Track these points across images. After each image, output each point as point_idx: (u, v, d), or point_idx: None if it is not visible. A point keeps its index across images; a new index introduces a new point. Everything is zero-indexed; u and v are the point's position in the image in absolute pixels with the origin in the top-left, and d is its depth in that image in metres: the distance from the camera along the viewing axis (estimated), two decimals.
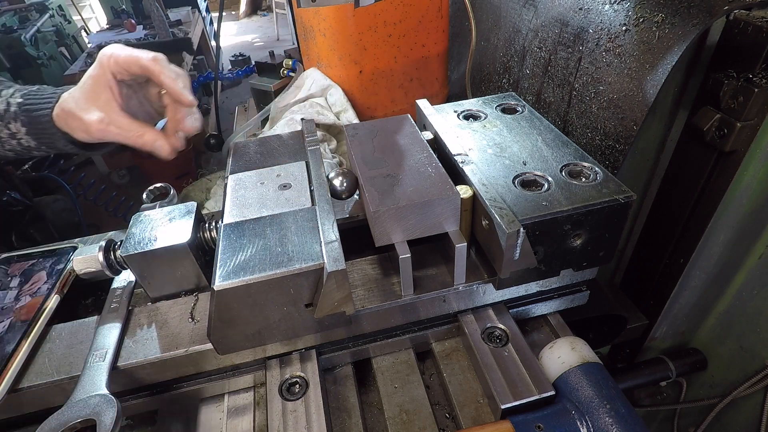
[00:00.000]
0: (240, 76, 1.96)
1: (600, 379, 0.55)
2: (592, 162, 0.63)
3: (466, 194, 0.60)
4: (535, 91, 0.98)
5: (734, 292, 0.90)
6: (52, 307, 0.67)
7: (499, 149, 0.68)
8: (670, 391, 1.10)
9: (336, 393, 0.64)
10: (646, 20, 0.71)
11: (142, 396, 0.65)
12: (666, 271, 0.93)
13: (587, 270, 0.66)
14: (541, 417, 0.53)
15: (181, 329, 0.63)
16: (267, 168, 0.73)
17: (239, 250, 0.56)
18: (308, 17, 1.21)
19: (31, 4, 4.19)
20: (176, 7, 4.79)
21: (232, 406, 0.66)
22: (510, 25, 1.05)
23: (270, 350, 0.63)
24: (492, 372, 0.58)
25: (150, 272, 0.67)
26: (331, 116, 1.20)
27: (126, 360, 0.60)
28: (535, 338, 0.70)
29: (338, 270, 0.52)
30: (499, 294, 0.66)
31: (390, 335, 0.67)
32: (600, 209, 0.56)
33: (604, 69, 0.78)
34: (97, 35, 4.38)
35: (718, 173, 0.77)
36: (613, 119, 0.77)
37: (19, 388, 0.58)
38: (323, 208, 0.61)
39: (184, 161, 3.85)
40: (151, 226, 0.68)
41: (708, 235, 0.83)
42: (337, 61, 1.22)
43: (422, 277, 0.65)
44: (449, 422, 0.62)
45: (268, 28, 7.85)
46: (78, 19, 5.33)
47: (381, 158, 0.67)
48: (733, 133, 0.70)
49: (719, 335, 0.96)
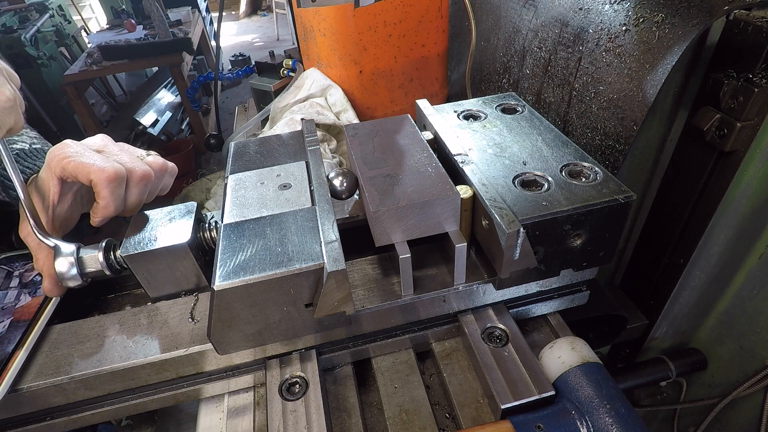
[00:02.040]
0: (240, 76, 1.95)
1: (600, 379, 0.55)
2: (592, 162, 0.63)
3: (466, 194, 0.60)
4: (535, 91, 0.98)
5: (734, 292, 0.90)
6: (52, 307, 0.67)
7: (499, 149, 0.68)
8: (670, 391, 1.10)
9: (336, 393, 0.64)
10: (646, 20, 0.71)
11: (142, 396, 0.65)
12: (666, 271, 0.93)
13: (587, 270, 0.66)
14: (541, 417, 0.53)
15: (181, 329, 0.63)
16: (267, 168, 0.73)
17: (239, 250, 0.56)
18: (308, 17, 1.21)
19: (31, 4, 4.19)
20: (176, 7, 4.79)
21: (232, 406, 0.66)
22: (510, 25, 1.05)
23: (270, 350, 0.63)
24: (492, 372, 0.58)
25: (150, 272, 0.67)
26: (331, 116, 1.20)
27: (126, 360, 0.60)
28: (535, 338, 0.70)
29: (338, 270, 0.52)
30: (499, 294, 0.66)
31: (390, 335, 0.67)
32: (600, 209, 0.56)
33: (604, 69, 0.78)
34: (97, 35, 4.37)
35: (718, 173, 0.77)
36: (613, 119, 0.77)
37: (19, 388, 0.58)
38: (323, 208, 0.61)
39: (184, 161, 3.85)
40: (150, 226, 0.68)
41: (708, 235, 0.83)
42: (337, 61, 1.22)
43: (422, 277, 0.65)
44: (449, 422, 0.62)
45: (268, 28, 7.86)
46: (78, 19, 5.33)
47: (381, 158, 0.67)
48: (733, 133, 0.70)
49: (719, 335, 0.96)
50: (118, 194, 0.66)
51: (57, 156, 0.65)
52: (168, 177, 0.77)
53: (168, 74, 4.61)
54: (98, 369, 0.59)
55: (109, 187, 0.64)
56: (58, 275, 0.63)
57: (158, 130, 4.23)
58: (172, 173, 0.78)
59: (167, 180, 0.77)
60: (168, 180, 0.77)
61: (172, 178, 0.78)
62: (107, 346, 0.62)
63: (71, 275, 0.64)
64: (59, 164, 0.64)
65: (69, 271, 0.63)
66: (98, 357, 0.61)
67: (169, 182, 0.77)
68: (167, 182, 0.77)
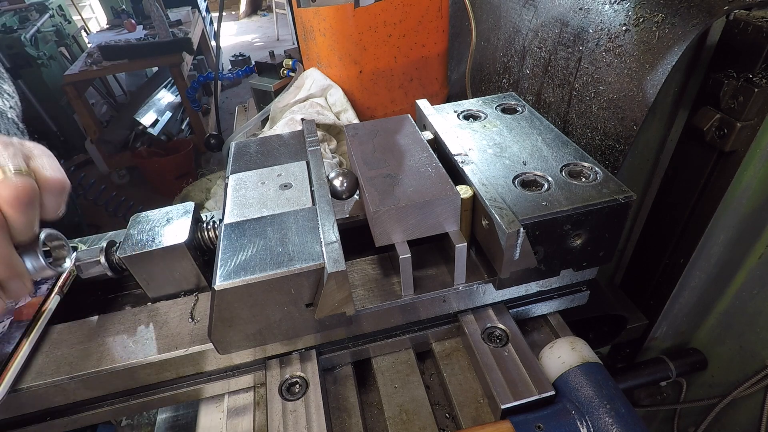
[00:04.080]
0: (240, 76, 1.95)
1: (600, 379, 0.55)
2: (592, 162, 0.63)
3: (466, 194, 0.60)
4: (535, 91, 0.98)
5: (734, 292, 0.90)
6: (52, 307, 0.67)
7: (499, 149, 0.68)
8: (670, 391, 1.10)
9: (336, 393, 0.64)
10: (646, 20, 0.71)
11: (142, 396, 0.65)
12: (666, 271, 0.93)
13: (587, 270, 0.66)
14: (541, 417, 0.53)
15: (181, 329, 0.63)
16: (268, 168, 0.73)
17: (240, 250, 0.56)
18: (308, 17, 1.21)
19: (31, 4, 4.19)
20: (176, 7, 4.80)
21: (232, 406, 0.66)
22: (510, 25, 1.05)
23: (270, 350, 0.63)
24: (492, 372, 0.58)
25: (149, 273, 0.67)
26: (331, 116, 1.20)
27: (126, 360, 0.60)
28: (535, 338, 0.70)
29: (338, 271, 0.52)
30: (499, 294, 0.66)
31: (390, 335, 0.67)
32: (600, 209, 0.56)
33: (604, 69, 0.78)
34: (97, 35, 4.38)
35: (718, 173, 0.77)
36: (613, 119, 0.77)
37: (19, 388, 0.58)
38: (323, 208, 0.61)
39: (184, 161, 3.85)
40: (149, 227, 0.69)
41: (708, 235, 0.83)
42: (337, 61, 1.22)
43: (422, 277, 0.65)
44: (449, 422, 0.62)
45: (268, 28, 7.86)
46: (78, 19, 5.34)
47: (381, 158, 0.67)
48: (733, 133, 0.70)
49: (719, 335, 0.96)
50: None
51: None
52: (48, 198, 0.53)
53: (168, 74, 4.61)
54: (98, 369, 0.59)
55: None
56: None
57: (158, 130, 4.23)
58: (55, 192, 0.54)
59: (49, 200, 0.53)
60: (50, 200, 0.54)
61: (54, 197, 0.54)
62: (107, 346, 0.62)
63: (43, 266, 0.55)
64: None
65: (43, 267, 0.55)
66: (98, 357, 0.61)
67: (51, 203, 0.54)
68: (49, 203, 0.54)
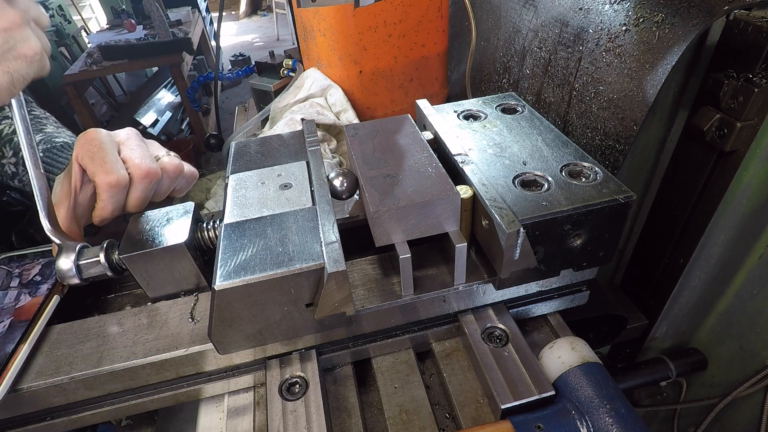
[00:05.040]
0: (240, 76, 1.95)
1: (600, 379, 0.55)
2: (592, 162, 0.63)
3: (466, 194, 0.60)
4: (535, 91, 0.98)
5: (734, 292, 0.90)
6: (52, 307, 0.67)
7: (499, 149, 0.68)
8: (670, 391, 1.10)
9: (336, 393, 0.64)
10: (646, 20, 0.71)
11: (142, 396, 0.65)
12: (666, 271, 0.93)
13: (587, 270, 0.66)
14: (541, 417, 0.53)
15: (181, 329, 0.63)
16: (268, 168, 0.73)
17: (240, 250, 0.56)
18: (308, 17, 1.21)
19: None
20: (176, 7, 4.80)
21: (232, 406, 0.66)
22: (510, 25, 1.05)
23: (270, 350, 0.63)
24: (492, 372, 0.58)
25: (148, 273, 0.67)
26: (331, 116, 1.20)
27: (126, 360, 0.60)
28: (535, 338, 0.70)
29: (338, 271, 0.52)
30: (499, 294, 0.66)
31: (390, 335, 0.67)
32: (600, 209, 0.56)
33: (604, 69, 0.78)
34: (97, 35, 4.38)
35: (718, 173, 0.77)
36: (613, 119, 0.77)
37: (19, 388, 0.58)
38: (323, 208, 0.61)
39: (184, 161, 3.85)
40: (149, 227, 0.69)
41: (708, 235, 0.83)
42: (337, 61, 1.22)
43: (422, 277, 0.65)
44: (449, 422, 0.62)
45: (268, 28, 7.86)
46: (78, 19, 5.33)
47: (381, 158, 0.67)
48: (733, 133, 0.70)
49: (719, 335, 0.96)
50: (117, 200, 0.69)
51: (80, 141, 0.68)
52: (183, 180, 0.76)
53: (168, 74, 4.61)
54: (98, 369, 0.59)
55: (109, 192, 0.67)
56: (58, 273, 0.64)
57: (158, 130, 4.23)
58: (189, 178, 0.76)
59: (181, 183, 0.76)
60: (182, 183, 0.76)
61: (187, 182, 0.77)
62: (107, 346, 0.62)
63: (71, 275, 0.65)
64: (80, 149, 0.67)
65: (69, 271, 0.65)
66: (98, 357, 0.61)
67: (183, 185, 0.76)
68: (181, 185, 0.76)
